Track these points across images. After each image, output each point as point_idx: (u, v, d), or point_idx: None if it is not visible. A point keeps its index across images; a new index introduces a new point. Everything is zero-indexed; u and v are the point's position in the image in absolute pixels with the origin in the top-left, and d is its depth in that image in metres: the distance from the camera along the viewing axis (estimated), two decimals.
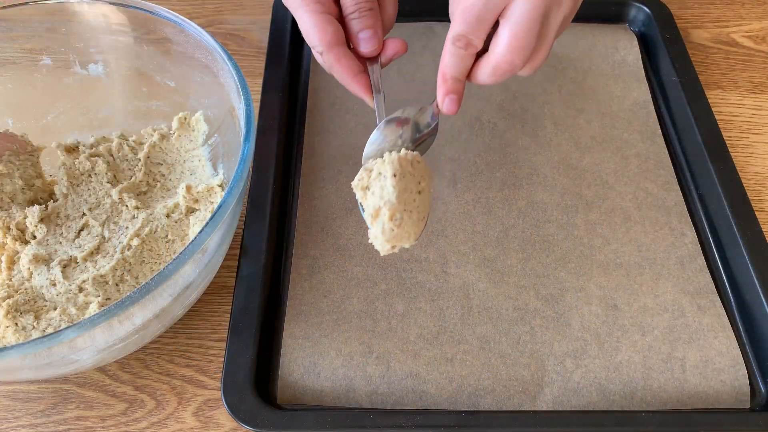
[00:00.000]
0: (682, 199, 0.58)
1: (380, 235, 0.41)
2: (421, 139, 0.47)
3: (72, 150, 0.56)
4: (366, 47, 0.47)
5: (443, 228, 0.56)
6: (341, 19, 0.48)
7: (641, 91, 0.66)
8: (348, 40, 0.48)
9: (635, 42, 0.70)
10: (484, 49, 0.44)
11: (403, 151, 0.43)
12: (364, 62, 0.48)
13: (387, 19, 0.50)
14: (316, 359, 0.48)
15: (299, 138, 0.62)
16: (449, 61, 0.43)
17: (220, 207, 0.42)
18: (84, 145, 0.56)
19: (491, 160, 0.60)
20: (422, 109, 0.46)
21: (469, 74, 0.45)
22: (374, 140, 0.46)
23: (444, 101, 0.44)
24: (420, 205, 0.42)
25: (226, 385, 0.46)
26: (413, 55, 0.68)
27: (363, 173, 0.43)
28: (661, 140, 0.62)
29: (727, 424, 0.46)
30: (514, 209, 0.57)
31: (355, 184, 0.44)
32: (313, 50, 0.48)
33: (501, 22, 0.41)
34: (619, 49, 0.69)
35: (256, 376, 0.47)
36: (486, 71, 0.43)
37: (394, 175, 0.41)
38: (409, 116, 0.46)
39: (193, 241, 0.41)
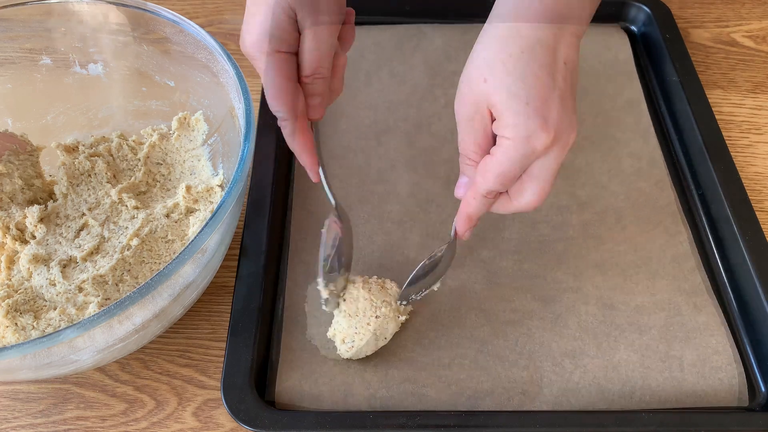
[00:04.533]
0: (676, 198, 0.58)
1: (341, 349, 0.48)
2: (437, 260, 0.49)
3: (71, 150, 0.56)
4: (314, 114, 0.47)
5: (438, 231, 0.56)
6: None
7: (634, 90, 0.66)
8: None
9: (626, 40, 0.70)
10: None
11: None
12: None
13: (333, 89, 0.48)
14: (314, 367, 0.48)
15: None
16: (478, 207, 0.46)
17: (219, 207, 0.42)
18: (84, 145, 0.56)
19: None
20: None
21: None
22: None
23: (465, 234, 0.48)
24: (377, 329, 0.47)
25: (226, 385, 0.46)
26: (405, 56, 0.68)
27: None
28: (654, 139, 0.62)
29: (728, 424, 0.46)
30: None
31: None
32: (270, 106, 0.44)
33: (523, 176, 0.43)
34: (610, 48, 0.69)
35: (256, 376, 0.47)
36: (505, 209, 0.46)
37: (350, 315, 0.48)
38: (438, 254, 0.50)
39: (192, 241, 0.41)
